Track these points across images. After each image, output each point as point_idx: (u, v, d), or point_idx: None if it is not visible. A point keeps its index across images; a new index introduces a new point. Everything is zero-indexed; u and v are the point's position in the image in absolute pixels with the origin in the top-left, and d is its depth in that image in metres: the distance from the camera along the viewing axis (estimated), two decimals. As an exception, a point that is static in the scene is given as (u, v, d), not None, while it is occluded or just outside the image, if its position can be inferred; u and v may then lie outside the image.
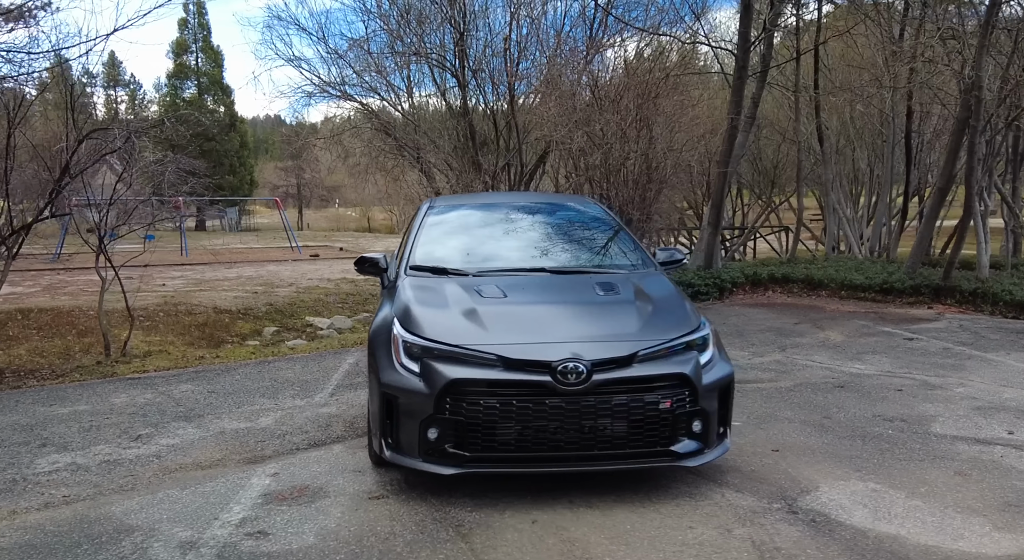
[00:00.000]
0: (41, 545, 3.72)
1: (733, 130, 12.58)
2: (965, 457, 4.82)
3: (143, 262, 12.66)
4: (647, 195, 11.02)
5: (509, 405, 3.93)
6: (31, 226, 7.43)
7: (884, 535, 3.70)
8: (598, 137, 10.52)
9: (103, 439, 5.33)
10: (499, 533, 3.74)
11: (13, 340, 9.68)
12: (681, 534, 3.71)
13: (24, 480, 4.58)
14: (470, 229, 5.87)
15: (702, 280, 12.44)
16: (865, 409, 5.89)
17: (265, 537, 3.73)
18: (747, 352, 8.12)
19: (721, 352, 4.50)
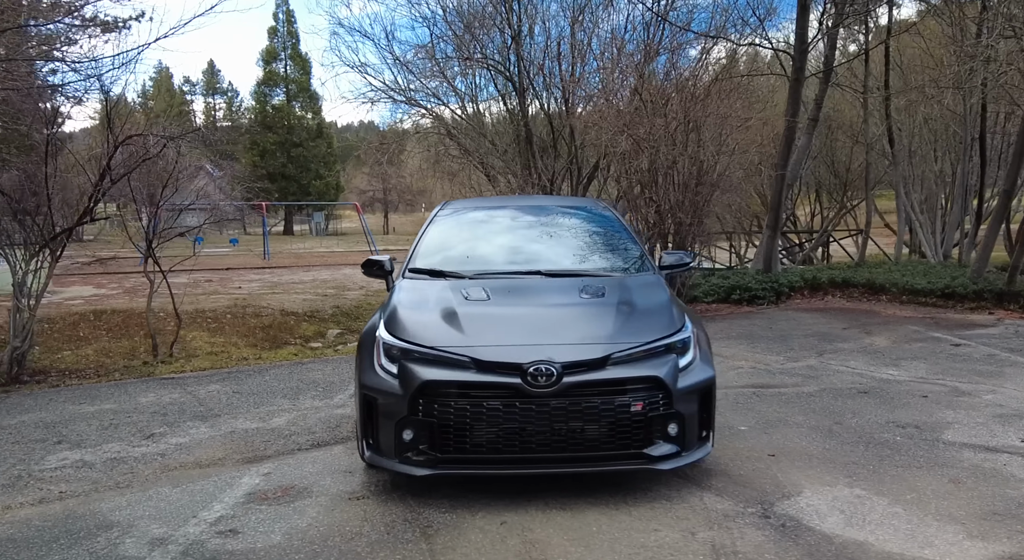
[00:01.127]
0: (21, 539, 3.93)
1: (790, 132, 12.42)
2: (967, 465, 4.74)
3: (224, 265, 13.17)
4: (697, 199, 10.97)
5: (480, 407, 4.03)
6: (72, 230, 7.90)
7: (849, 541, 3.71)
8: (645, 140, 10.53)
9: (117, 437, 5.64)
10: (464, 534, 3.84)
11: (83, 340, 10.35)
12: (644, 537, 3.77)
13: (29, 476, 4.88)
14: (475, 232, 6.00)
15: (759, 284, 12.32)
16: (881, 415, 5.81)
17: (234, 535, 3.89)
18: (782, 357, 8.04)
19: (704, 355, 4.50)
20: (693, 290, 12.48)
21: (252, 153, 51.16)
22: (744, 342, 8.90)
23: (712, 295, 12.42)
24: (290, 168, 50.04)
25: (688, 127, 10.69)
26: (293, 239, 44.71)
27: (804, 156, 13.97)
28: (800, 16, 12.16)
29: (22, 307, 7.60)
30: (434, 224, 5.98)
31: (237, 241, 38.91)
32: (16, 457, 5.25)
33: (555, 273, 5.22)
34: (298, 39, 52.96)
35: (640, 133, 10.42)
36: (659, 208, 10.80)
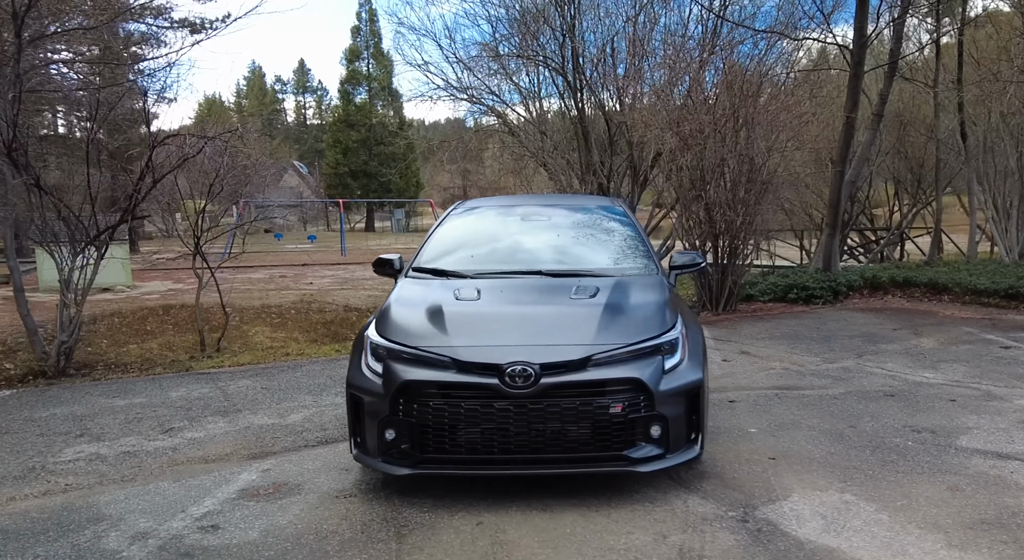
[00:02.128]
0: (13, 531, 4.12)
1: (849, 128, 12.14)
2: (972, 471, 4.64)
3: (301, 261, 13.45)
4: (748, 197, 10.84)
5: (458, 407, 4.12)
6: (115, 228, 8.34)
7: (820, 548, 3.70)
8: (692, 138, 10.47)
9: (136, 431, 5.92)
10: (437, 534, 3.93)
11: (149, 334, 10.90)
12: (615, 539, 3.82)
13: (42, 468, 5.14)
14: (484, 232, 6.10)
15: (816, 283, 12.09)
16: (900, 419, 5.71)
17: (214, 531, 4.03)
18: (819, 358, 7.93)
19: (694, 358, 4.48)
20: (750, 288, 12.34)
21: (335, 151, 52.41)
22: (785, 342, 8.79)
23: (768, 294, 12.25)
24: (371, 165, 51.09)
25: (737, 124, 10.57)
26: (373, 236, 45.65)
27: (868, 152, 13.60)
28: (859, 7, 11.85)
29: (68, 303, 8.07)
30: (444, 224, 6.13)
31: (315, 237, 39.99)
32: (36, 449, 5.56)
33: (556, 273, 5.25)
34: (380, 38, 54.00)
35: (686, 130, 10.35)
36: (708, 206, 10.71)
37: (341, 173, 51.90)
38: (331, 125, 55.73)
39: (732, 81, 10.59)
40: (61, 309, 8.14)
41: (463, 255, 5.66)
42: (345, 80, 53.63)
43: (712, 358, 7.98)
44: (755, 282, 12.61)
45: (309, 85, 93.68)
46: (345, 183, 51.55)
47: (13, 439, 5.80)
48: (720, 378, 7.09)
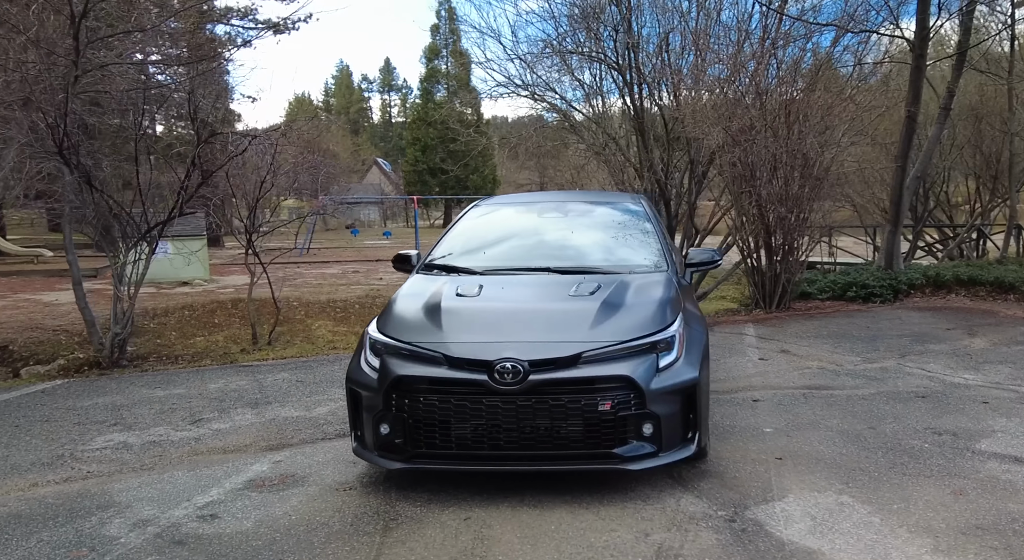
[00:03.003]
0: (27, 515, 4.31)
1: (910, 122, 11.81)
2: (983, 475, 4.53)
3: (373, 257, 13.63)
4: (802, 193, 10.64)
5: (448, 403, 4.22)
6: (166, 223, 8.72)
7: (801, 549, 3.69)
8: (741, 133, 10.34)
9: (167, 421, 6.19)
10: (423, 528, 4.02)
11: (216, 327, 11.37)
12: (596, 537, 3.85)
13: (70, 456, 5.37)
14: (500, 229, 6.19)
15: (877, 281, 11.80)
16: (923, 421, 5.59)
17: (211, 520, 4.16)
18: (860, 358, 7.77)
19: (691, 356, 4.47)
20: (808, 286, 12.11)
21: (414, 148, 53.28)
22: (830, 341, 8.63)
23: (827, 292, 12.01)
24: (449, 162, 51.84)
25: (789, 119, 10.38)
26: (451, 232, 46.17)
27: (934, 147, 13.16)
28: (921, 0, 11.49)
29: (121, 296, 8.49)
30: (462, 221, 6.26)
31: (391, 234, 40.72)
32: (69, 437, 5.86)
33: (563, 270, 5.27)
34: (459, 36, 54.60)
35: (734, 126, 10.23)
36: (759, 202, 10.56)
37: (420, 170, 52.74)
38: (411, 123, 56.66)
39: (784, 76, 10.41)
40: (115, 302, 8.58)
41: (475, 252, 5.76)
42: (425, 78, 54.51)
43: (748, 357, 7.92)
44: (814, 280, 12.37)
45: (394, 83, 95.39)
46: (424, 180, 52.38)
47: (51, 427, 6.16)
48: (751, 377, 7.04)
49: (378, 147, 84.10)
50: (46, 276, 21.66)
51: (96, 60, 8.64)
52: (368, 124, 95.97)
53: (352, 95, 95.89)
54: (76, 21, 8.02)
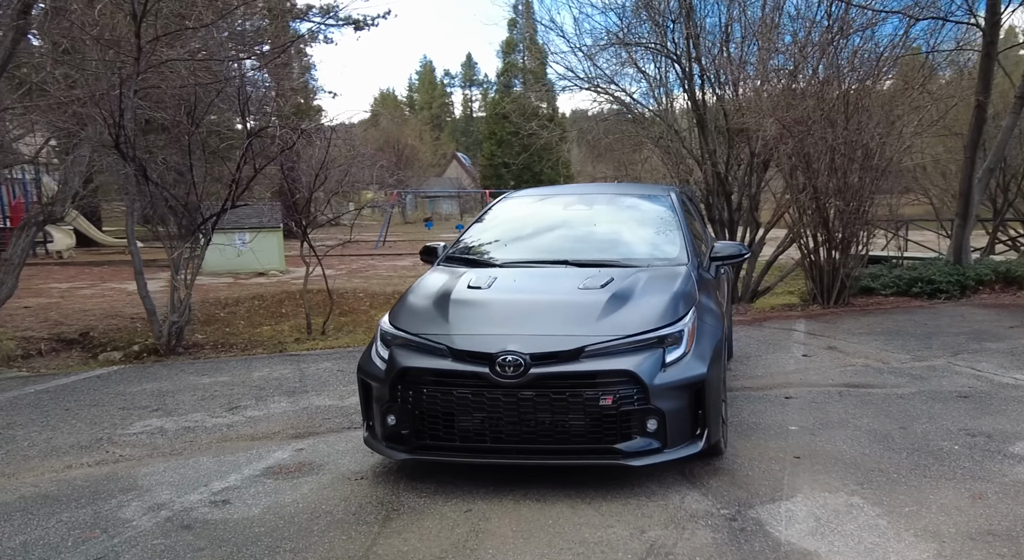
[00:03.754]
0: (55, 496, 4.46)
1: (981, 112, 11.29)
2: (1008, 480, 4.32)
3: None
4: (862, 185, 10.29)
5: (451, 395, 4.23)
6: (218, 216, 8.96)
7: (796, 550, 3.58)
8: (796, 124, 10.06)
9: (205, 408, 6.36)
10: (422, 519, 4.04)
11: (283, 316, 11.66)
12: (591, 532, 3.82)
13: (107, 439, 5.55)
14: (523, 221, 6.17)
15: (943, 277, 11.35)
16: (960, 422, 5.36)
17: (222, 506, 4.25)
18: (910, 355, 7.49)
19: (701, 352, 4.37)
20: (872, 281, 11.73)
21: (490, 142, 53.55)
22: (882, 338, 8.35)
23: (891, 287, 11.61)
24: (523, 156, 51.93)
25: (848, 109, 10.05)
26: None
27: (1008, 138, 12.55)
28: (991, -19, 10.97)
29: (178, 286, 8.79)
30: (488, 213, 6.26)
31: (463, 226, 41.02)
32: (111, 421, 6.08)
33: (581, 263, 5.21)
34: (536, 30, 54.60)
35: (787, 117, 9.96)
36: (816, 194, 10.26)
37: (496, 164, 52.98)
38: (487, 117, 56.96)
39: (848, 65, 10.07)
40: (172, 292, 8.90)
41: (496, 244, 5.77)
42: (501, 72, 54.73)
43: (792, 353, 7.72)
44: (878, 275, 11.97)
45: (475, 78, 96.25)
46: (499, 174, 52.59)
47: (97, 411, 6.40)
48: (790, 373, 6.86)
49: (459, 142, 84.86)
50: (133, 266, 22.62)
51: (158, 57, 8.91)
52: (450, 119, 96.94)
53: (435, 90, 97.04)
54: (138, 19, 8.32)
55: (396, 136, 52.73)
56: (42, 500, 4.51)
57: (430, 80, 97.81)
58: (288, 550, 3.80)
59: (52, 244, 24.57)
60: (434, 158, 67.76)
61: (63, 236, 24.50)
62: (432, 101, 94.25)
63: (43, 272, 19.51)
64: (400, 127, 56.63)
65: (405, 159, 50.47)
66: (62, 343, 11.60)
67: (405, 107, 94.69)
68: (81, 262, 22.00)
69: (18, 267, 9.63)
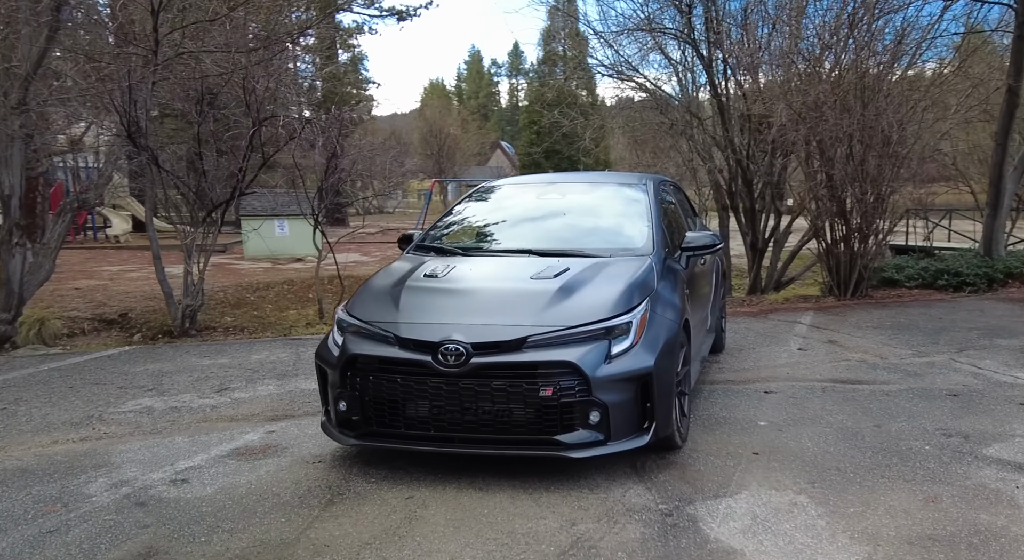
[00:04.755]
0: (32, 470, 4.61)
1: (1012, 97, 10.88)
2: (970, 483, 4.17)
3: None
4: (880, 173, 9.99)
5: (395, 383, 4.24)
6: (228, 203, 9.08)
7: (723, 548, 3.50)
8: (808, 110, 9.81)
9: (196, 389, 6.46)
10: (362, 505, 4.04)
11: (310, 301, 11.82)
12: (522, 524, 3.78)
13: (97, 417, 5.68)
14: (497, 209, 6.16)
15: (971, 269, 11.00)
16: (940, 421, 5.20)
17: (179, 485, 4.33)
18: (911, 351, 7.28)
19: (650, 343, 4.29)
20: (896, 273, 11.43)
21: (529, 131, 53.41)
22: (888, 333, 8.13)
23: (915, 279, 11.29)
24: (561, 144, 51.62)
25: (864, 94, 9.76)
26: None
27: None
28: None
29: (191, 271, 8.96)
30: (464, 202, 6.26)
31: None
32: (106, 399, 6.22)
33: (543, 252, 5.18)
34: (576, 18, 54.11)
35: (797, 102, 9.71)
36: (831, 182, 10.00)
37: (534, 152, 52.80)
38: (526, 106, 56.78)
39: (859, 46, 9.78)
40: (185, 277, 9.08)
41: (465, 233, 5.79)
42: (542, 61, 54.42)
43: (788, 346, 7.57)
44: (902, 266, 11.65)
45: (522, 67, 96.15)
46: (538, 162, 52.36)
47: (96, 389, 6.56)
48: (778, 368, 6.73)
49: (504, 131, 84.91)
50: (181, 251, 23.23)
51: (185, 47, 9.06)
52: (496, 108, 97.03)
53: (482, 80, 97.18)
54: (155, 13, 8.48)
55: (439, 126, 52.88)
56: (20, 473, 4.65)
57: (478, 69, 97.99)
58: (226, 530, 3.85)
59: (111, 229, 25.37)
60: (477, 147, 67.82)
61: (120, 221, 25.34)
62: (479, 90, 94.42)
63: (99, 256, 20.13)
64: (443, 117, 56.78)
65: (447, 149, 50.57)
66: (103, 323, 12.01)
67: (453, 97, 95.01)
68: (135, 246, 22.60)
69: (55, 251, 9.92)
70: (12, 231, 9.09)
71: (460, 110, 72.33)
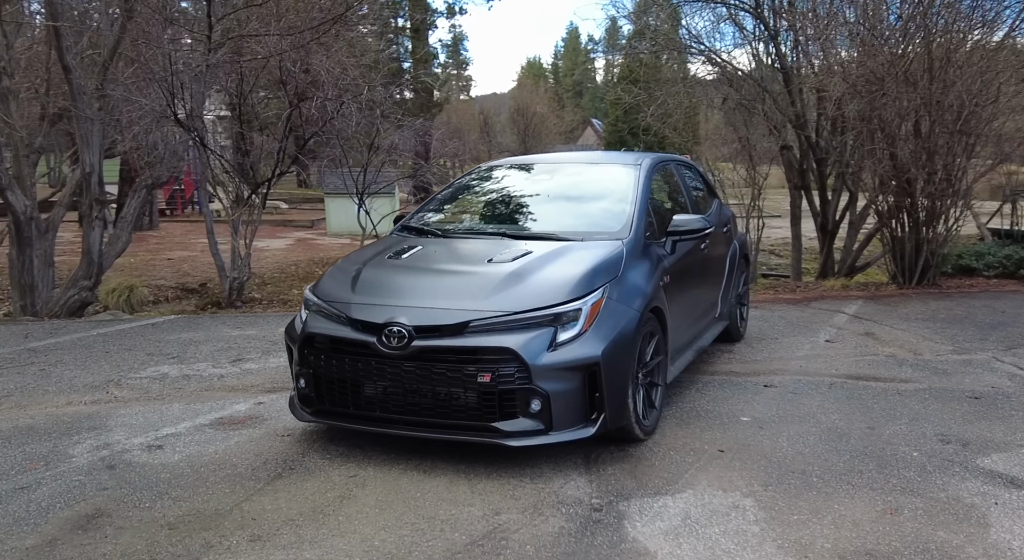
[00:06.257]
0: (37, 429, 4.84)
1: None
2: (944, 496, 3.84)
3: None
4: (953, 151, 9.27)
5: (344, 362, 4.24)
6: (269, 182, 9.28)
7: (636, 548, 3.31)
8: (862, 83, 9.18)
9: (213, 358, 6.62)
10: (304, 481, 4.05)
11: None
12: (448, 509, 3.71)
13: (115, 382, 5.92)
14: (486, 190, 6.07)
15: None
16: (944, 426, 4.82)
17: (153, 451, 4.46)
18: (952, 347, 6.78)
19: (601, 332, 4.11)
20: (976, 261, 10.67)
21: (616, 108, 52.39)
22: (937, 325, 7.60)
23: (996, 268, 10.52)
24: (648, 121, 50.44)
25: (933, 66, 9.04)
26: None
27: None
28: None
29: (237, 246, 9.24)
30: (457, 182, 6.21)
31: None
32: (129, 365, 6.46)
33: (516, 235, 5.08)
34: (670, -10, 52.56)
35: (852, 74, 9.10)
36: (893, 162, 9.37)
37: (620, 130, 51.81)
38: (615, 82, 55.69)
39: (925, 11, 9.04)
40: (233, 252, 9.40)
41: (448, 214, 5.74)
42: (632, 36, 53.12)
43: (817, 337, 7.20)
44: (983, 253, 10.86)
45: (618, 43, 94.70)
46: (623, 139, 51.36)
47: (125, 355, 6.83)
48: (794, 360, 6.39)
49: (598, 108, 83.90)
50: (274, 225, 24.18)
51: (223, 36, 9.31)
52: (591, 85, 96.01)
53: (578, 57, 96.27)
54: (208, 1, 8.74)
55: (525, 104, 52.60)
56: (26, 431, 4.91)
57: (575, 47, 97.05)
58: (172, 497, 3.94)
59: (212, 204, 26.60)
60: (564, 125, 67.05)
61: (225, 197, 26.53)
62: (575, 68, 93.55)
63: (199, 229, 21.07)
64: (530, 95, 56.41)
65: (533, 127, 50.22)
66: (184, 292, 12.68)
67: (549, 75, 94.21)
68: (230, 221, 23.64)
69: (131, 224, 10.52)
70: (92, 206, 9.61)
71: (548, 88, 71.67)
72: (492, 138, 48.89)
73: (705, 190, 6.93)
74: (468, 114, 52.35)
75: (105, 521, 3.72)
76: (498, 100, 71.22)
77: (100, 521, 3.72)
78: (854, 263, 12.48)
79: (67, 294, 9.79)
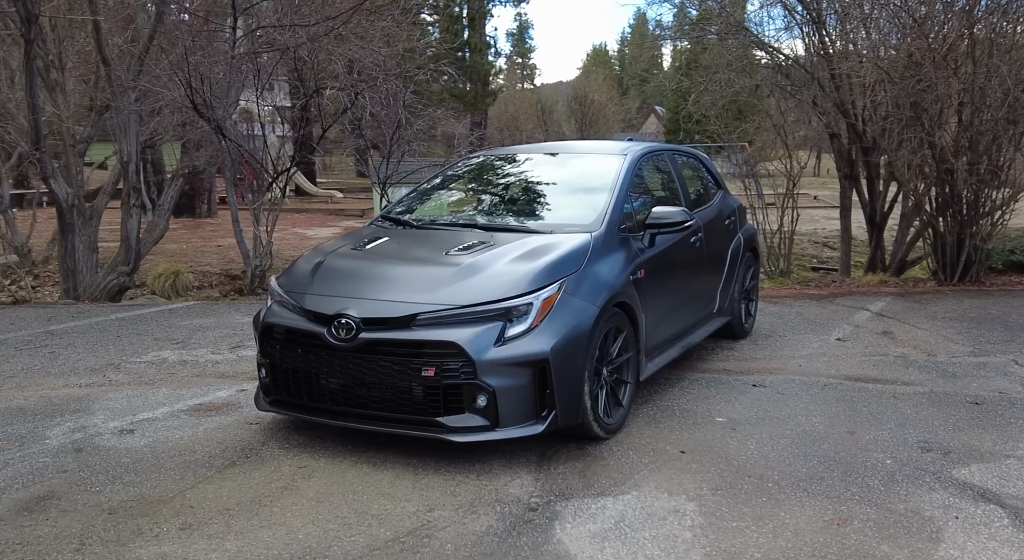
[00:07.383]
0: (26, 409, 4.96)
1: None
2: (901, 509, 3.61)
3: None
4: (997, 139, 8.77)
5: (296, 353, 4.22)
6: (287, 172, 9.33)
7: (558, 552, 3.18)
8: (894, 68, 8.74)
9: (214, 345, 6.67)
10: (253, 470, 4.04)
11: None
12: (383, 505, 3.65)
13: (114, 366, 6.00)
14: (470, 180, 6.00)
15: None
16: (930, 432, 4.54)
17: (122, 435, 4.51)
18: (971, 348, 6.41)
19: (553, 327, 3.99)
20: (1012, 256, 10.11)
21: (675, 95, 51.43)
22: (961, 325, 7.21)
23: (1039, 265, 9.95)
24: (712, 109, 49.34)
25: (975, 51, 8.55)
26: (728, 181, 44.47)
27: None
28: None
29: (259, 235, 9.34)
30: (445, 171, 6.13)
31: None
32: (134, 350, 6.55)
33: (489, 227, 4.99)
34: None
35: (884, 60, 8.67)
36: (933, 152, 8.91)
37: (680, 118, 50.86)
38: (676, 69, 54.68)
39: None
40: (255, 241, 9.53)
41: (428, 204, 5.66)
42: (696, 20, 52.09)
43: (828, 335, 6.91)
44: (1026, 250, 10.27)
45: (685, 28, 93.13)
46: (684, 128, 50.46)
47: (134, 340, 6.96)
48: (795, 359, 6.13)
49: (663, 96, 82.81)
50: (327, 214, 24.47)
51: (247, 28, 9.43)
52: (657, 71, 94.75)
53: (644, 43, 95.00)
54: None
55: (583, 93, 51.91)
56: (15, 412, 5.04)
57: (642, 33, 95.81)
58: (124, 482, 3.98)
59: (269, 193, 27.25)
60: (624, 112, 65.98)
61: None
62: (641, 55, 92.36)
63: (251, 218, 21.64)
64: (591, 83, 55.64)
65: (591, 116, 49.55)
66: (227, 278, 12.93)
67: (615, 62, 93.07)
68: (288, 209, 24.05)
69: (168, 212, 10.80)
70: (130, 194, 9.87)
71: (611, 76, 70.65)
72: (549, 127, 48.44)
73: (710, 181, 6.69)
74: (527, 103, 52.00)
75: (52, 504, 3.76)
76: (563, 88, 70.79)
77: (47, 503, 3.77)
78: (904, 257, 11.95)
79: (107, 279, 10.07)
